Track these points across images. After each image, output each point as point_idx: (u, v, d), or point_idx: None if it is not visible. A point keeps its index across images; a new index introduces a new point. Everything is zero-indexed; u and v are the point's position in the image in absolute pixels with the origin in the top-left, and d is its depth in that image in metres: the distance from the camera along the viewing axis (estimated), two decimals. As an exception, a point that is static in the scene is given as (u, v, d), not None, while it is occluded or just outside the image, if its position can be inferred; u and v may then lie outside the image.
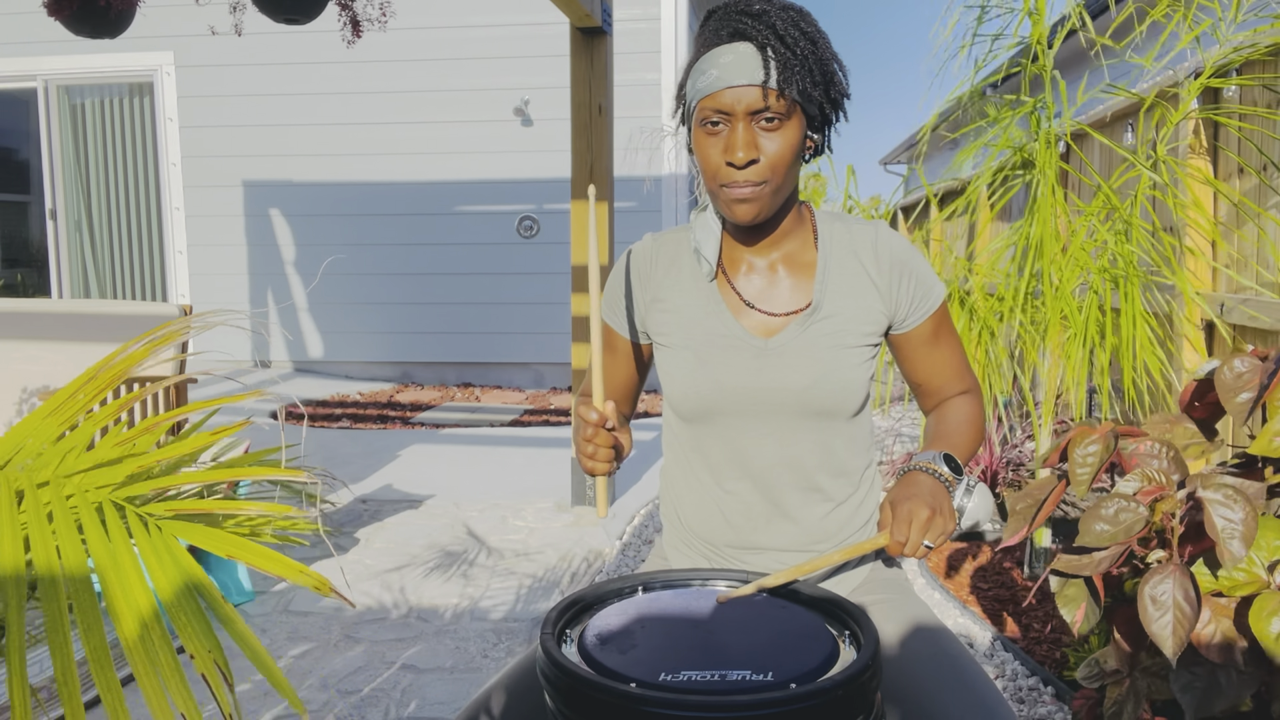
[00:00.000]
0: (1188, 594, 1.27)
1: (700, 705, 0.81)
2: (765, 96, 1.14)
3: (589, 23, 3.66)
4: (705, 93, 1.16)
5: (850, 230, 1.29)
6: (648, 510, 3.85)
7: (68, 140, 7.66)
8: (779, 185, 1.19)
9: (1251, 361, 1.48)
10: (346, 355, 7.54)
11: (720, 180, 1.18)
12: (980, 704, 1.07)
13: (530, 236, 7.17)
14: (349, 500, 4.00)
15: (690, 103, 1.21)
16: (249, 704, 2.25)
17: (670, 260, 1.32)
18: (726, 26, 1.17)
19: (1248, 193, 2.86)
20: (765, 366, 1.25)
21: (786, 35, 1.15)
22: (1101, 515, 1.37)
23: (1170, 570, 1.30)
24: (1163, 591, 1.29)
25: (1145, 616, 1.28)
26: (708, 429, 1.29)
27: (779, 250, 1.28)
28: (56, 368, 3.27)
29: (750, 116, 1.15)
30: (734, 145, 1.15)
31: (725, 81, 1.14)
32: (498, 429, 5.68)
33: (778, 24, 1.15)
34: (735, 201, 1.18)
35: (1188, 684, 1.31)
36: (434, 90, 7.14)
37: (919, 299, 1.28)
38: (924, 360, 1.32)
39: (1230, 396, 1.46)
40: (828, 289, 1.26)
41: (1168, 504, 1.36)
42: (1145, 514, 1.35)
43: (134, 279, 7.85)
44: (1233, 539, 1.26)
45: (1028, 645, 2.52)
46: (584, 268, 3.89)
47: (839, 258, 1.28)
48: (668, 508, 1.39)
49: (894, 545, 1.09)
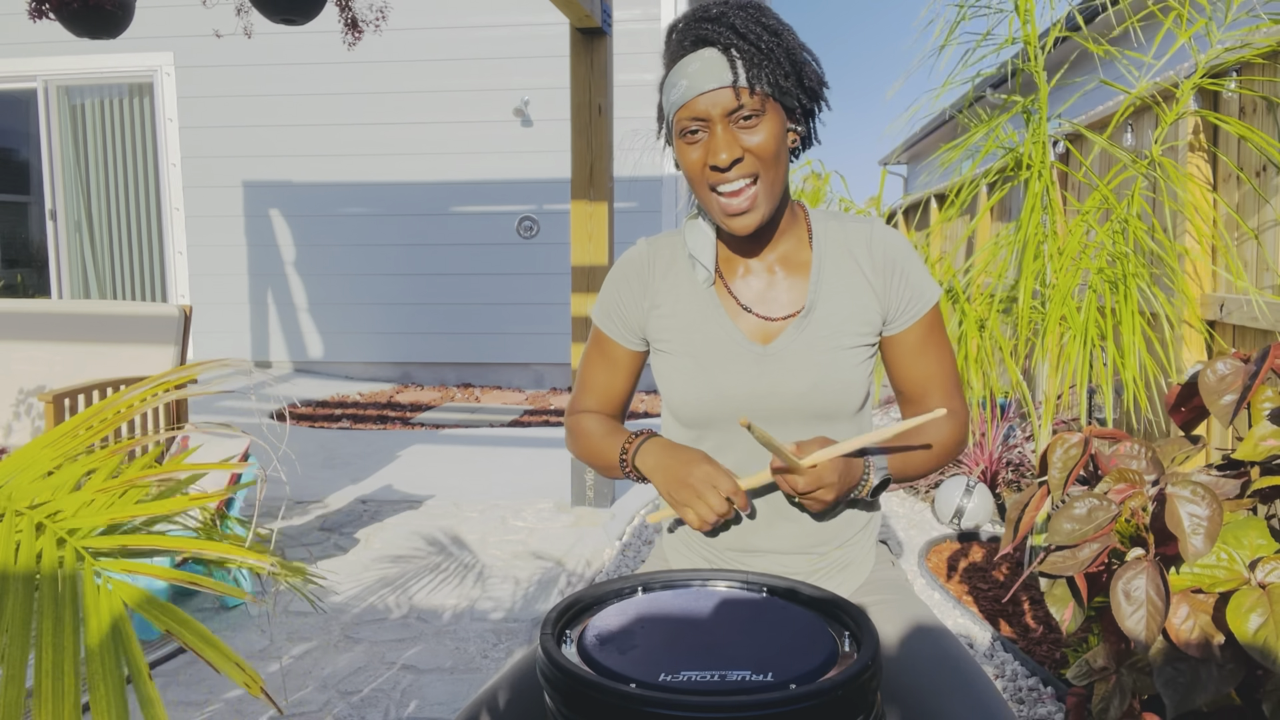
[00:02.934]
0: (1159, 588, 1.28)
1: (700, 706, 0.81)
2: (738, 95, 1.14)
3: (589, 23, 3.66)
4: (679, 104, 1.16)
5: (845, 228, 1.29)
6: (648, 510, 3.86)
7: (68, 141, 7.66)
8: (769, 181, 1.18)
9: (1234, 363, 1.48)
10: (346, 356, 7.54)
11: (707, 184, 1.18)
12: (980, 704, 1.08)
13: (530, 237, 7.17)
14: (349, 500, 4.00)
15: (668, 117, 1.21)
16: (248, 704, 2.25)
17: (666, 265, 1.31)
18: (688, 36, 1.17)
19: (1247, 193, 2.86)
20: (765, 372, 1.24)
21: (748, 32, 1.14)
22: (1072, 515, 1.38)
23: (1143, 566, 1.31)
24: (1136, 587, 1.30)
25: (1119, 612, 1.29)
26: (708, 433, 1.28)
27: (774, 251, 1.28)
28: (55, 368, 3.27)
29: (727, 118, 1.15)
30: (715, 149, 1.15)
31: (696, 89, 1.14)
32: (498, 429, 5.68)
33: (737, 23, 1.15)
34: (730, 215, 1.18)
35: (1170, 679, 1.32)
36: (434, 91, 7.15)
37: (909, 301, 1.26)
38: (910, 367, 1.29)
39: (1214, 399, 1.47)
40: (822, 289, 1.26)
41: (1137, 500, 1.36)
42: (1116, 511, 1.36)
43: (134, 279, 7.85)
44: (1196, 534, 1.26)
45: (1027, 645, 2.52)
46: (584, 268, 3.89)
47: (834, 256, 1.27)
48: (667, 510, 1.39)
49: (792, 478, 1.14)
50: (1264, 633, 1.20)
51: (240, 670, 0.79)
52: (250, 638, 2.62)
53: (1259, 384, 1.43)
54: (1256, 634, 1.21)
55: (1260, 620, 1.22)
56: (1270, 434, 1.40)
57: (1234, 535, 1.34)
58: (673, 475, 1.19)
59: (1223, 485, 1.43)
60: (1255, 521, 1.36)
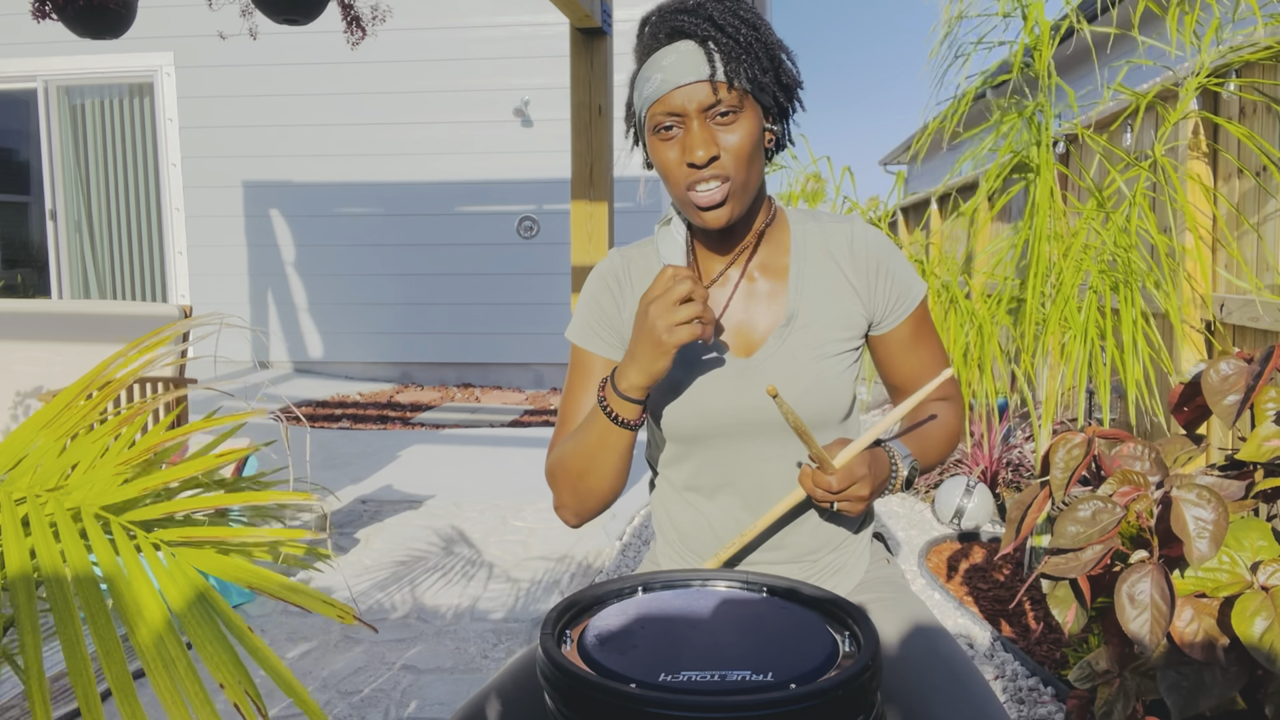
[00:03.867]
0: (1163, 592, 1.27)
1: (700, 705, 0.81)
2: (715, 90, 1.09)
3: (589, 23, 3.66)
4: (653, 98, 1.12)
5: (824, 229, 1.25)
6: (648, 511, 3.85)
7: (68, 141, 7.66)
8: (744, 180, 1.14)
9: (1237, 364, 1.47)
10: (346, 356, 7.54)
11: (684, 183, 1.13)
12: (972, 705, 1.07)
13: (530, 237, 7.17)
14: (349, 500, 3.99)
15: (640, 113, 1.16)
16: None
17: (642, 275, 1.27)
18: (664, 27, 1.13)
19: (1247, 193, 2.85)
20: (747, 386, 1.20)
21: (726, 25, 1.10)
22: (1076, 517, 1.38)
23: (1147, 569, 1.30)
24: (1140, 590, 1.29)
25: (1123, 615, 1.28)
26: (693, 449, 1.25)
27: (754, 258, 1.24)
28: (55, 369, 3.27)
29: (703, 114, 1.10)
30: (692, 145, 1.10)
31: (672, 82, 1.10)
32: (498, 429, 5.68)
33: (715, 14, 1.11)
34: (703, 209, 1.13)
35: (1174, 683, 1.31)
36: (434, 91, 7.15)
37: (897, 298, 1.24)
38: (903, 363, 1.27)
39: (1217, 399, 1.46)
40: (803, 296, 1.22)
41: (1141, 503, 1.36)
42: (1121, 514, 1.35)
43: (134, 280, 7.85)
44: (1201, 538, 1.26)
45: (1027, 645, 2.52)
46: (584, 268, 3.89)
47: (814, 260, 1.24)
48: (659, 517, 1.36)
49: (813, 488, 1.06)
50: (1270, 636, 1.20)
51: (331, 606, 0.83)
52: (250, 638, 2.62)
53: (1263, 384, 1.42)
54: (1262, 638, 1.21)
55: (1265, 624, 1.21)
56: (1274, 435, 1.40)
57: (1235, 537, 1.34)
58: (642, 342, 1.07)
59: (1227, 487, 1.42)
60: (1257, 523, 1.36)
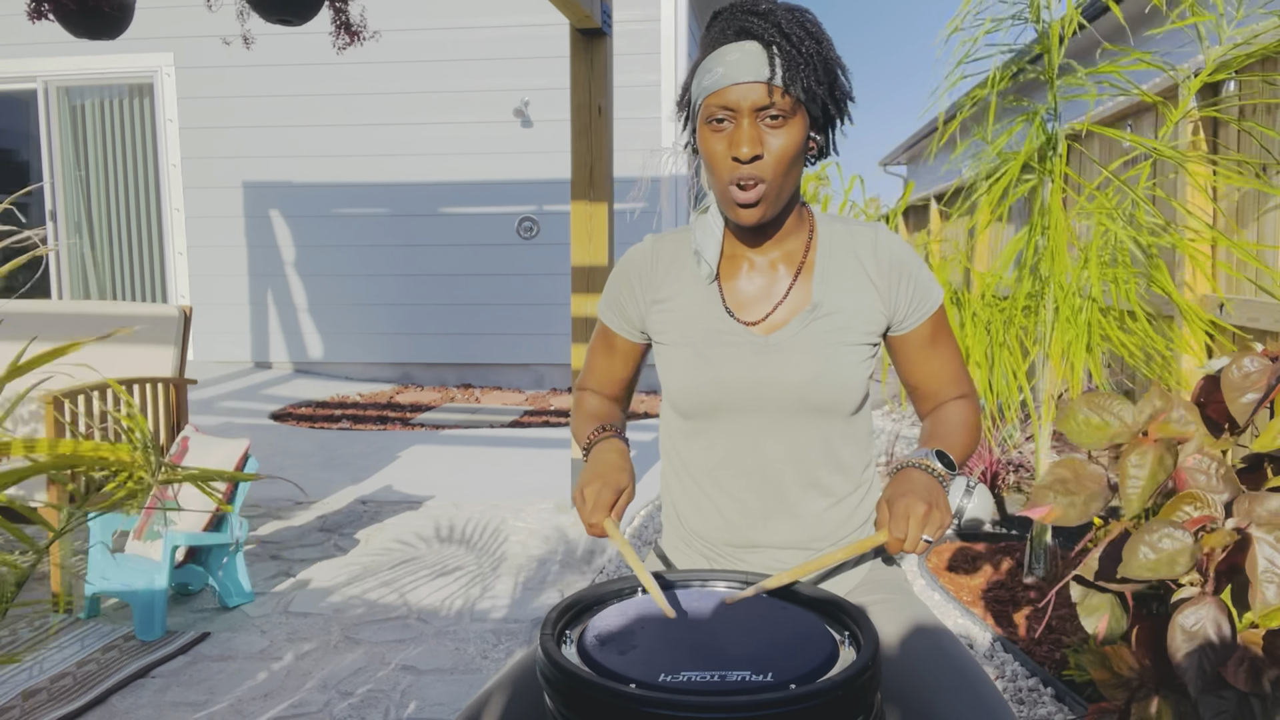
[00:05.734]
0: (1221, 629, 1.24)
1: (700, 706, 0.81)
2: (770, 93, 1.15)
3: (589, 24, 3.66)
4: (711, 90, 1.18)
5: (850, 231, 1.31)
6: (648, 511, 3.86)
7: (67, 141, 7.66)
8: (780, 184, 1.20)
9: (1261, 361, 1.46)
10: (346, 356, 7.54)
11: (726, 175, 1.19)
12: (981, 704, 1.07)
13: (530, 237, 7.17)
14: (349, 501, 4.00)
15: (696, 101, 1.22)
16: (249, 704, 2.25)
17: (670, 261, 1.34)
18: (733, 25, 1.18)
19: (1246, 194, 2.85)
20: (765, 362, 1.26)
21: (792, 33, 1.16)
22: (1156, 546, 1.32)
23: (1206, 603, 1.27)
24: (1194, 622, 1.25)
25: (1173, 646, 1.25)
26: (707, 425, 1.30)
27: (780, 249, 1.30)
28: (55, 368, 3.27)
29: (755, 113, 1.17)
30: (739, 141, 1.16)
31: (731, 78, 1.16)
32: (497, 430, 5.68)
33: (783, 22, 1.17)
34: (741, 206, 1.20)
35: (1218, 710, 1.29)
36: (434, 91, 7.14)
37: (917, 301, 1.29)
38: (922, 363, 1.33)
39: (1235, 396, 1.45)
40: (828, 287, 1.28)
41: (1216, 538, 1.31)
42: (1190, 544, 1.30)
43: (134, 280, 7.85)
44: (1270, 584, 1.22)
45: (1028, 646, 2.52)
46: (584, 268, 3.89)
47: (839, 258, 1.29)
48: (667, 508, 1.40)
49: (893, 542, 1.09)
50: None
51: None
52: (250, 638, 2.62)
53: None
54: None
55: None
56: None
57: None
58: (584, 474, 1.23)
59: None
60: None
